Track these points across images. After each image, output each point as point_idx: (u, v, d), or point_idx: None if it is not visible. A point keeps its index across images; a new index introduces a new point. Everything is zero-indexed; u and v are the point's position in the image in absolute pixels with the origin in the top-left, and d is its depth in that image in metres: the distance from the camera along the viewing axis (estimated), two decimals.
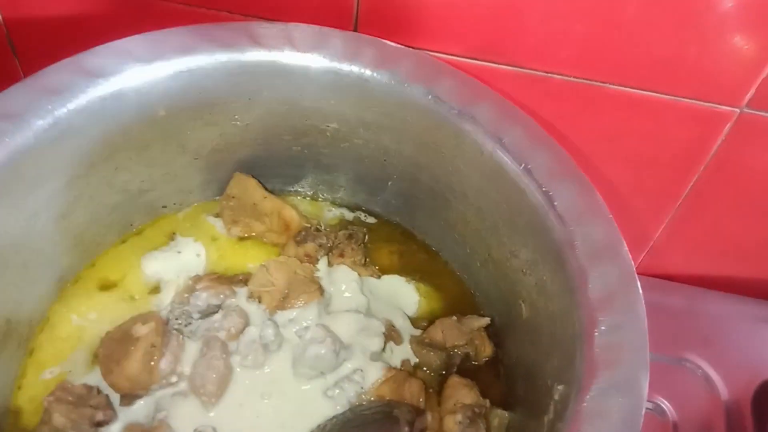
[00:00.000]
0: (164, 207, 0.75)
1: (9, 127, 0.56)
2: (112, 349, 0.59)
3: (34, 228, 0.61)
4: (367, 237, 0.76)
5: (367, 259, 0.74)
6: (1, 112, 0.56)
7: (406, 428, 0.56)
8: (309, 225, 0.74)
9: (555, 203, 0.58)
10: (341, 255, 0.72)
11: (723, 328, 0.84)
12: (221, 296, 0.65)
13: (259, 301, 0.65)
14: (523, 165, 0.60)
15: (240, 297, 0.66)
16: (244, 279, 0.69)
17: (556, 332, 0.56)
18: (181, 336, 0.62)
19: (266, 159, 0.75)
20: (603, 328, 0.50)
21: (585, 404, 0.47)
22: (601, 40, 0.65)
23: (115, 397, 0.60)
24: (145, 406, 0.60)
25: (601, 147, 0.74)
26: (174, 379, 0.60)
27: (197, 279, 0.68)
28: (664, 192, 0.78)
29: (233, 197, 0.75)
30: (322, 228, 0.75)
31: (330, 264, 0.72)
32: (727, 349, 0.82)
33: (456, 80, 0.65)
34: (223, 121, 0.70)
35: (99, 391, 0.60)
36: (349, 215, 0.79)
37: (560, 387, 0.52)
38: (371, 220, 0.78)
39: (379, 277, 0.73)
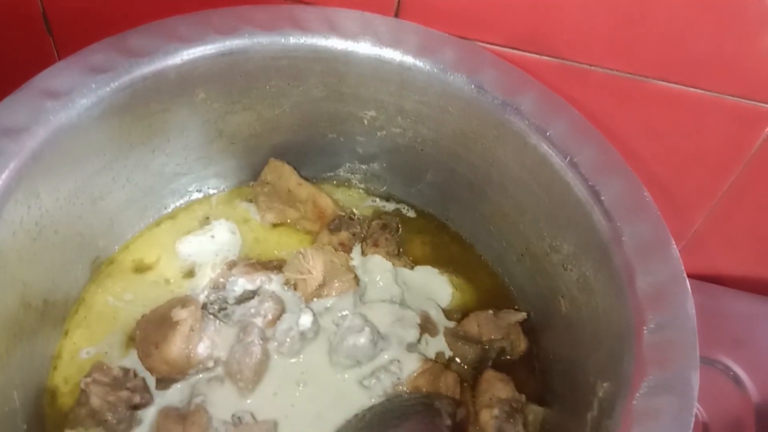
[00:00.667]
0: (198, 191, 0.75)
1: (54, 105, 0.55)
2: (150, 332, 0.59)
3: (72, 209, 0.61)
4: (400, 227, 0.75)
5: (401, 250, 0.73)
6: (47, 90, 0.55)
7: (448, 420, 0.55)
8: (343, 213, 0.74)
9: (602, 198, 0.57)
10: (375, 245, 0.71)
11: (754, 330, 0.83)
12: (257, 282, 0.65)
13: (295, 289, 0.65)
14: (568, 158, 0.59)
15: (275, 284, 0.66)
16: (278, 265, 0.68)
17: (600, 329, 0.56)
18: (218, 321, 0.61)
19: (302, 145, 0.75)
20: (652, 326, 0.50)
21: (635, 402, 0.46)
22: (643, 33, 0.64)
23: (150, 381, 0.60)
24: (181, 390, 0.60)
25: (640, 142, 0.73)
26: (211, 364, 0.60)
27: (232, 264, 0.67)
28: (701, 190, 0.77)
29: (268, 183, 0.74)
30: (356, 217, 0.75)
31: (364, 253, 0.71)
32: (758, 351, 0.81)
33: (500, 70, 0.64)
34: (261, 106, 0.69)
35: (135, 374, 0.60)
36: (388, 207, 0.78)
37: (605, 384, 0.51)
38: (411, 213, 0.77)
39: (412, 268, 0.72)
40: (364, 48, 0.65)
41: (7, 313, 0.53)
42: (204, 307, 0.63)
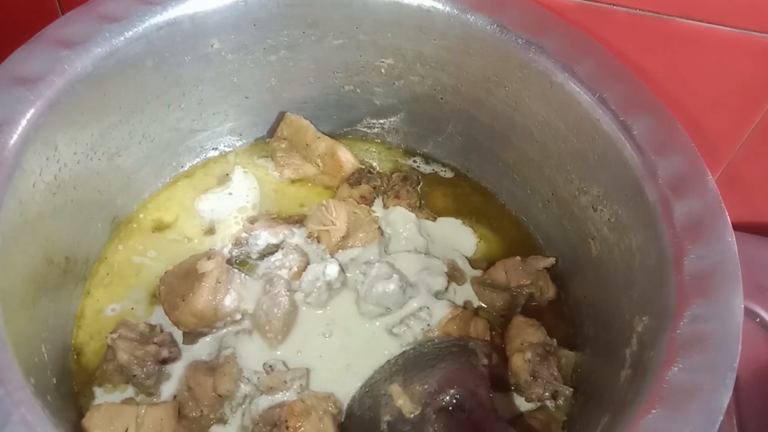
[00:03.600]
0: (214, 149, 0.73)
1: (69, 55, 0.54)
2: (176, 285, 0.58)
3: (90, 164, 0.60)
4: (421, 180, 0.74)
5: (422, 202, 0.72)
6: (61, 39, 0.54)
7: (485, 359, 0.55)
8: (362, 167, 0.72)
9: (633, 132, 0.55)
10: (397, 197, 0.70)
11: None
12: (280, 236, 0.64)
13: (318, 241, 0.64)
14: (597, 95, 0.58)
15: (298, 237, 0.65)
16: (299, 219, 0.67)
17: (634, 266, 0.55)
18: (243, 274, 0.60)
19: (318, 99, 0.73)
20: (692, 256, 0.49)
21: (679, 331, 0.45)
22: None
23: (177, 336, 0.59)
24: (209, 344, 0.59)
25: (664, 82, 0.71)
26: (238, 316, 0.59)
27: (253, 219, 0.66)
28: (725, 132, 0.76)
29: (284, 139, 0.73)
30: (375, 170, 0.73)
31: (385, 206, 0.70)
32: None
33: (523, 9, 0.63)
34: (276, 57, 0.68)
35: (162, 330, 0.59)
36: (407, 160, 0.77)
37: (644, 319, 0.50)
38: (426, 168, 0.76)
39: (434, 219, 0.71)
40: None
41: (31, 266, 0.52)
42: (228, 261, 0.62)
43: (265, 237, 0.64)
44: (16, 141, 0.50)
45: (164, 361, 0.57)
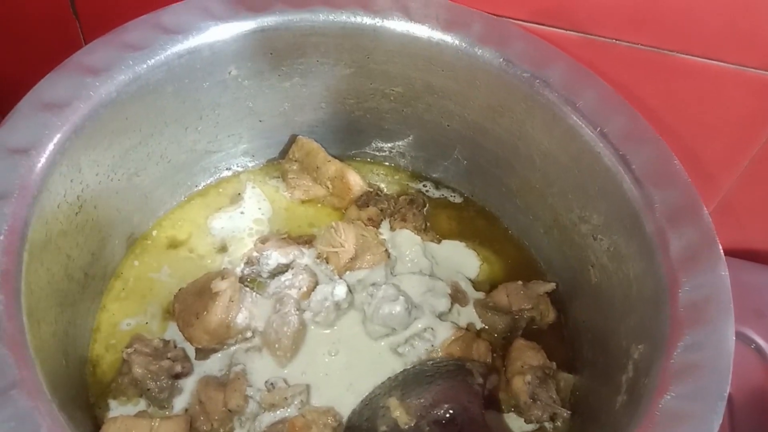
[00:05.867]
0: (228, 169, 0.76)
1: (94, 81, 0.56)
2: (190, 303, 0.60)
3: (110, 184, 0.62)
4: (426, 203, 0.76)
5: (428, 224, 0.74)
6: (87, 66, 0.57)
7: (480, 379, 0.57)
8: (371, 189, 0.75)
9: (632, 166, 0.58)
10: (403, 219, 0.73)
11: None
12: (290, 256, 0.66)
13: (327, 262, 0.66)
14: (598, 128, 0.60)
15: (307, 257, 0.67)
16: (308, 240, 0.69)
17: (631, 295, 0.57)
18: (254, 293, 0.63)
19: (328, 123, 0.76)
20: (686, 288, 0.51)
21: (672, 361, 0.47)
22: (664, 6, 0.65)
23: (189, 351, 0.61)
24: (220, 360, 0.61)
25: (664, 114, 0.74)
26: (249, 334, 0.61)
27: (264, 239, 0.69)
28: (723, 163, 0.78)
29: (296, 161, 0.75)
30: (383, 193, 0.76)
31: (392, 228, 0.72)
32: None
33: (528, 43, 0.65)
34: (290, 83, 0.70)
35: (176, 345, 0.61)
36: (414, 183, 0.79)
37: (640, 346, 0.52)
38: (435, 193, 0.78)
39: (439, 242, 0.73)
40: (392, 24, 0.66)
41: (53, 283, 0.54)
42: (240, 279, 0.64)
43: (275, 257, 0.66)
44: (43, 164, 0.52)
45: (177, 376, 0.59)
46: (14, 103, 0.55)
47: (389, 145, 0.78)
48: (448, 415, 0.56)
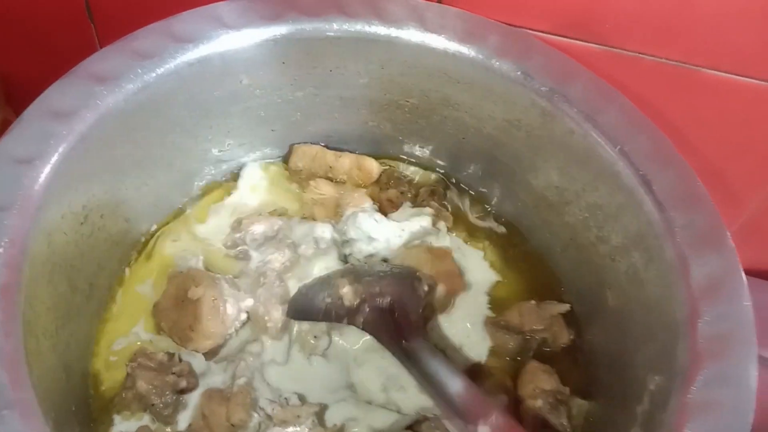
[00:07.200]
0: (239, 177, 0.74)
1: (102, 90, 0.55)
2: (175, 318, 0.60)
3: (117, 193, 0.61)
4: (447, 193, 0.75)
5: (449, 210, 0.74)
6: (95, 74, 0.56)
7: (425, 287, 0.63)
8: (391, 166, 0.75)
9: (653, 188, 0.55)
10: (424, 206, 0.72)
11: None
12: (275, 227, 0.67)
13: (314, 219, 0.69)
14: (618, 147, 0.58)
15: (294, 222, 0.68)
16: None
17: (650, 321, 0.54)
18: (229, 276, 0.64)
19: (341, 133, 0.74)
20: (707, 318, 0.48)
21: (690, 396, 0.45)
22: (691, 21, 0.62)
23: (195, 360, 0.61)
24: (224, 372, 0.60)
25: (690, 130, 0.71)
26: (243, 316, 0.62)
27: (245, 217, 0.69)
28: (749, 182, 0.75)
29: (301, 170, 0.74)
30: (406, 177, 0.75)
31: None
32: None
33: (547, 57, 0.63)
34: (302, 93, 0.69)
35: (180, 359, 0.60)
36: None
37: (657, 378, 0.50)
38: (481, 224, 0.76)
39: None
40: (408, 34, 0.64)
41: (56, 294, 0.53)
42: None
43: (259, 229, 0.67)
44: (47, 175, 0.51)
45: (182, 391, 0.58)
46: None
47: (403, 156, 0.77)
48: (386, 306, 0.61)
